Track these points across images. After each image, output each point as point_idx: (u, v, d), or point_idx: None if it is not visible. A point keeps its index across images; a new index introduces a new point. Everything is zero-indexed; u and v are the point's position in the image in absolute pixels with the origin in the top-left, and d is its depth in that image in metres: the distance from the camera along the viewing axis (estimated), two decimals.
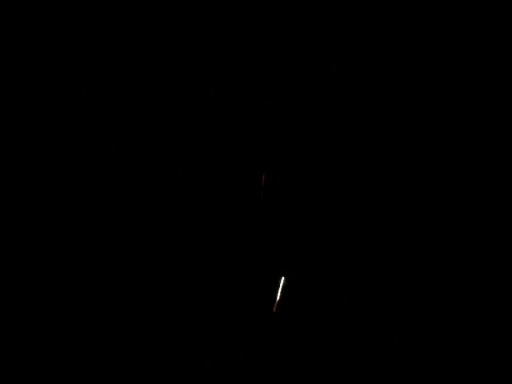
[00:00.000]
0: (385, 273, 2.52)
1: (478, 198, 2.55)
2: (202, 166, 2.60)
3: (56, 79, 2.59)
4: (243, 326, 2.48)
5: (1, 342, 2.37)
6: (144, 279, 2.48)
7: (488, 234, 2.53)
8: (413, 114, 2.62)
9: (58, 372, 2.37)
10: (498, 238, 2.52)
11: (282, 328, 2.49)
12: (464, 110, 2.60)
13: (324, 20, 2.65)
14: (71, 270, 2.45)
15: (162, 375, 2.40)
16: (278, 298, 2.51)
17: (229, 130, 2.62)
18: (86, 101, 2.59)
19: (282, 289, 2.38)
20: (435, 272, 2.51)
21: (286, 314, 2.50)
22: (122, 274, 2.47)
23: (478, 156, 2.58)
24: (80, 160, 2.56)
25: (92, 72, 2.60)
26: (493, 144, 2.58)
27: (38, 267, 2.44)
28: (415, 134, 2.62)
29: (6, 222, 2.48)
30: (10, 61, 2.58)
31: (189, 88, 2.62)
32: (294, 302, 2.51)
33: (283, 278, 2.27)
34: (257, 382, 2.43)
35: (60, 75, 2.59)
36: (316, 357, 2.45)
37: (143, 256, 2.49)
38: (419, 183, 2.59)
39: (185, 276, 2.50)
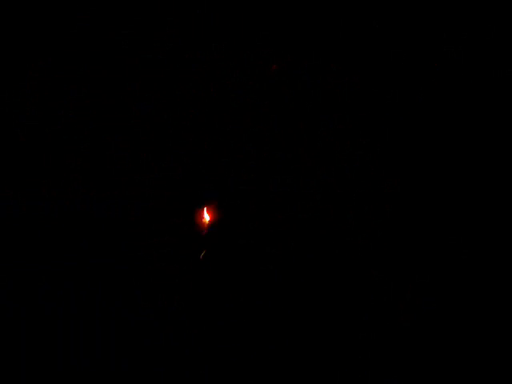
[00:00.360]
0: (385, 273, 2.52)
1: (478, 197, 2.55)
2: (201, 166, 2.60)
3: (56, 79, 2.59)
4: (243, 326, 2.48)
5: (1, 342, 2.37)
6: (144, 279, 2.48)
7: (488, 234, 2.52)
8: (413, 114, 2.62)
9: (58, 372, 2.37)
10: (498, 238, 2.52)
11: (281, 333, 2.49)
12: (464, 110, 2.60)
13: (324, 20, 2.64)
14: (71, 270, 2.45)
15: (162, 375, 2.40)
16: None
17: (229, 129, 2.62)
18: (86, 101, 2.59)
19: None
20: (435, 272, 2.51)
21: (286, 315, 2.50)
22: (122, 273, 2.47)
23: (478, 156, 2.58)
24: (80, 160, 2.56)
25: (92, 72, 2.60)
26: (493, 144, 2.58)
27: (38, 267, 2.44)
28: (415, 133, 2.62)
29: (6, 222, 2.48)
30: (10, 61, 2.58)
31: (189, 88, 2.62)
32: (293, 301, 2.51)
33: None
34: (256, 382, 2.43)
35: (60, 75, 2.59)
36: (316, 357, 2.45)
37: (143, 256, 2.49)
38: (419, 183, 2.59)
39: (185, 276, 2.50)
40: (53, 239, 2.48)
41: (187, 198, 2.56)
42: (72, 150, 2.56)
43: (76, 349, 2.39)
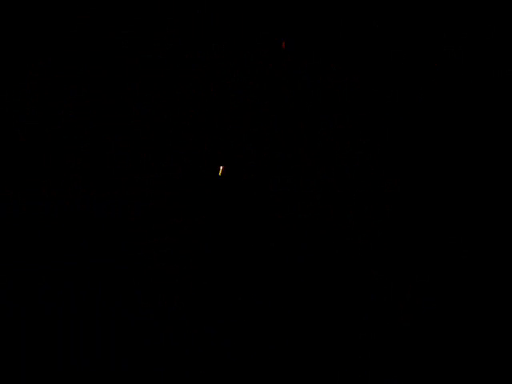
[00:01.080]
0: (385, 273, 2.52)
1: (478, 197, 2.55)
2: (201, 165, 2.60)
3: (56, 79, 2.59)
4: (243, 326, 2.48)
5: (1, 342, 2.37)
6: (144, 279, 2.48)
7: (488, 234, 2.53)
8: (413, 114, 2.62)
9: (58, 372, 2.37)
10: (498, 238, 2.52)
11: (281, 333, 2.49)
12: (464, 110, 2.60)
13: (324, 20, 2.64)
14: (71, 270, 2.45)
15: (162, 375, 2.40)
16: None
17: (229, 129, 2.62)
18: (86, 101, 2.59)
19: None
20: (435, 272, 2.51)
21: (286, 314, 2.50)
22: (122, 274, 2.47)
23: (478, 156, 2.58)
24: (80, 160, 2.56)
25: (92, 72, 2.60)
26: (493, 144, 2.58)
27: (38, 267, 2.44)
28: (415, 133, 2.62)
29: (6, 222, 2.48)
30: (10, 61, 2.58)
31: (189, 88, 2.62)
32: (293, 301, 2.51)
33: None
34: (257, 382, 2.43)
35: (60, 75, 2.59)
36: (316, 357, 2.45)
37: (143, 256, 2.49)
38: (419, 183, 2.59)
39: (185, 276, 2.50)
40: (53, 239, 2.49)
41: (187, 198, 2.56)
42: (72, 149, 2.56)
43: (76, 349, 2.39)
